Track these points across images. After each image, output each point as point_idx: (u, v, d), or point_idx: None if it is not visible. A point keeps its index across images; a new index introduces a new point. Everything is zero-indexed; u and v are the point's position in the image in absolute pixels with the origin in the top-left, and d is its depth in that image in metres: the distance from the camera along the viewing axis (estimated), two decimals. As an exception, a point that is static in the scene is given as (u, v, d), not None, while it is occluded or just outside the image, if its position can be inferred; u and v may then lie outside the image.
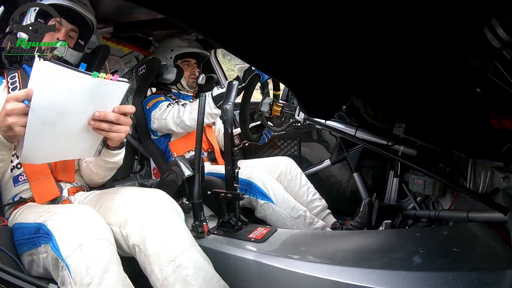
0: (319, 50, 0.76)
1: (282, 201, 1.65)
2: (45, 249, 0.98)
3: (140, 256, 1.05)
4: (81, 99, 0.96)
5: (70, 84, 0.92)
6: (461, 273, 0.89)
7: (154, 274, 1.02)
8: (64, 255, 0.90)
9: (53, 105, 0.92)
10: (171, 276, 1.00)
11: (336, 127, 1.74)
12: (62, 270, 0.91)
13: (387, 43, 0.72)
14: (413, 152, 1.52)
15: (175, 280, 1.00)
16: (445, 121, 1.11)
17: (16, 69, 1.33)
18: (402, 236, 1.16)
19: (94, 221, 1.00)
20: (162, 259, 1.01)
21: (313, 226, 1.64)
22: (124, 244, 1.07)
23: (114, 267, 0.94)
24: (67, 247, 0.91)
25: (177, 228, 1.08)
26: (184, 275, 1.00)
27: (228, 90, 1.42)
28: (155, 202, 1.12)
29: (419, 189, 1.62)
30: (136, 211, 1.08)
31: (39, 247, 1.00)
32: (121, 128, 1.05)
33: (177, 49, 2.06)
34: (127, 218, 1.07)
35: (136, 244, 1.05)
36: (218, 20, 0.63)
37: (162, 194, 1.17)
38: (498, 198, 1.09)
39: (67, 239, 0.92)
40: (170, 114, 1.85)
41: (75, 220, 0.98)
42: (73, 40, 1.39)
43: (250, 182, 1.69)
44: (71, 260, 0.90)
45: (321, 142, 2.37)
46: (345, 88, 1.01)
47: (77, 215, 1.00)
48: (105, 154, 1.21)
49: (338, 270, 0.99)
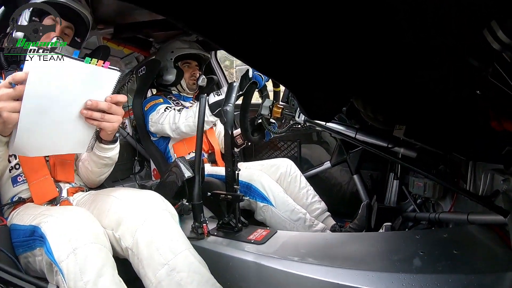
0: (318, 52, 0.76)
1: (282, 203, 1.65)
2: (40, 252, 0.97)
3: (134, 259, 1.04)
4: (73, 86, 0.97)
5: (63, 69, 0.92)
6: (461, 276, 0.89)
7: (147, 277, 1.00)
8: (57, 259, 0.89)
9: (46, 92, 0.93)
10: (165, 280, 0.98)
11: (337, 129, 1.74)
12: (56, 275, 0.90)
13: (386, 45, 0.72)
14: (413, 154, 1.52)
15: (169, 284, 0.98)
16: (445, 123, 1.10)
17: (14, 69, 1.32)
18: (402, 238, 1.16)
19: (88, 225, 0.99)
20: (155, 262, 1.00)
21: (313, 229, 1.63)
22: (118, 246, 1.07)
23: (109, 271, 0.92)
24: (60, 251, 0.90)
25: (170, 231, 1.06)
26: (178, 278, 0.99)
27: (228, 91, 1.42)
28: (148, 204, 1.10)
29: (419, 191, 1.61)
30: (129, 213, 1.06)
31: (34, 249, 0.99)
32: (113, 118, 1.05)
33: (177, 50, 2.07)
34: (120, 220, 1.06)
35: (129, 247, 1.03)
36: (217, 21, 0.63)
37: (155, 195, 1.16)
38: (498, 201, 1.08)
39: (60, 243, 0.91)
40: (166, 120, 1.85)
41: (69, 224, 0.96)
42: (68, 37, 1.38)
43: (250, 184, 1.69)
44: (65, 265, 0.88)
45: (321, 144, 2.37)
46: (344, 89, 1.01)
47: (72, 218, 0.99)
48: (99, 149, 1.21)
49: (338, 272, 0.99)
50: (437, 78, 0.82)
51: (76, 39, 1.43)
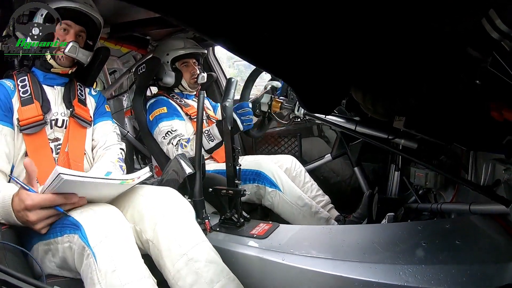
0: (315, 43, 0.75)
1: (289, 190, 1.70)
2: (68, 238, 1.00)
3: (154, 251, 1.09)
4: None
5: (96, 185, 1.05)
6: (464, 266, 0.89)
7: (166, 267, 1.06)
8: (92, 244, 0.95)
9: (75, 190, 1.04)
10: (183, 269, 1.04)
11: (337, 121, 1.74)
12: (88, 258, 0.94)
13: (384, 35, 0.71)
14: (414, 145, 1.52)
15: (187, 273, 1.03)
16: (446, 113, 1.10)
17: (26, 72, 1.34)
18: (404, 229, 1.16)
19: (117, 216, 1.05)
20: (174, 253, 1.06)
21: (318, 216, 1.67)
22: (138, 240, 1.11)
23: (136, 257, 0.99)
24: (94, 237, 0.96)
25: (188, 224, 1.12)
26: (196, 268, 1.04)
27: (227, 87, 1.42)
28: (167, 199, 1.16)
29: (421, 182, 1.61)
30: (149, 208, 1.13)
31: (61, 236, 1.02)
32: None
33: (172, 52, 2.04)
34: (141, 214, 1.12)
35: (150, 239, 1.09)
36: (212, 17, 0.62)
37: (174, 192, 1.21)
38: (499, 190, 1.08)
39: (94, 230, 0.97)
40: (166, 150, 1.86)
41: (102, 214, 1.03)
42: (82, 40, 1.42)
43: (259, 171, 1.74)
44: (98, 249, 0.94)
45: (321, 137, 2.37)
46: (343, 80, 1.00)
47: (102, 210, 1.06)
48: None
49: (341, 265, 1.00)
50: (439, 69, 0.81)
51: (88, 42, 1.46)
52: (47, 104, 1.33)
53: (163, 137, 1.85)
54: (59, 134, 1.35)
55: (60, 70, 1.39)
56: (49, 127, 1.32)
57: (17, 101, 1.28)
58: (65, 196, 1.01)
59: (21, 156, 1.25)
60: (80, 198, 1.05)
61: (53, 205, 1.00)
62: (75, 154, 1.36)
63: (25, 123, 1.25)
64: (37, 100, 1.29)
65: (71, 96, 1.41)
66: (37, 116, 1.27)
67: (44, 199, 0.98)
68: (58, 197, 1.00)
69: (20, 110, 1.26)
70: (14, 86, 1.30)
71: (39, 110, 1.28)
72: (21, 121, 1.25)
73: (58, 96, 1.39)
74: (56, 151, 1.33)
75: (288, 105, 1.74)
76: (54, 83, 1.40)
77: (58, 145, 1.34)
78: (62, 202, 1.01)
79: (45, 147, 1.29)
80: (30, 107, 1.27)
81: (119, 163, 1.44)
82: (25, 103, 1.27)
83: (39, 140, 1.29)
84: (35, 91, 1.31)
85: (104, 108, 1.55)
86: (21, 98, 1.28)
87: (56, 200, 1.00)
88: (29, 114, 1.26)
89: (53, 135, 1.33)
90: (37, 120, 1.27)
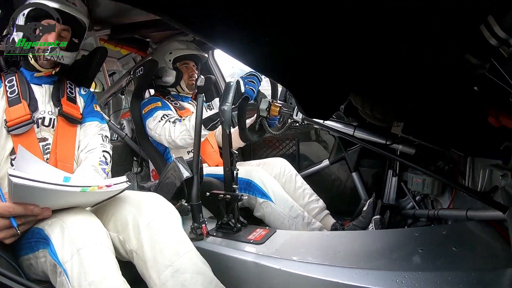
0: (315, 49, 0.76)
1: (281, 200, 1.65)
2: (43, 253, 0.96)
3: (138, 262, 1.04)
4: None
5: (54, 193, 0.95)
6: (461, 273, 0.88)
7: (152, 279, 1.01)
8: (62, 260, 0.89)
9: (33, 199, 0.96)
10: (169, 281, 0.99)
11: (335, 127, 1.73)
12: (60, 276, 0.89)
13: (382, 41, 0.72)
14: (412, 151, 1.51)
15: (173, 285, 0.99)
16: (443, 119, 1.10)
17: (14, 72, 1.32)
18: (401, 236, 1.15)
19: (91, 226, 0.98)
20: (159, 264, 1.01)
21: (311, 227, 1.63)
22: (122, 249, 1.07)
23: (113, 272, 0.92)
24: (65, 252, 0.90)
25: (174, 233, 1.07)
26: (182, 279, 1.00)
27: (226, 91, 1.41)
28: (152, 206, 1.10)
29: (418, 188, 1.61)
30: (133, 216, 1.07)
31: (37, 251, 0.99)
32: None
33: (175, 51, 2.07)
34: (125, 223, 1.07)
35: (134, 250, 1.04)
36: (212, 21, 0.62)
37: (159, 198, 1.16)
38: (497, 196, 1.08)
39: (64, 245, 0.91)
40: (162, 131, 1.84)
41: (73, 225, 0.96)
42: (65, 39, 1.38)
43: (250, 181, 1.69)
44: (69, 265, 0.88)
45: (319, 142, 2.37)
46: (342, 86, 1.00)
47: (75, 220, 0.98)
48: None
49: (338, 271, 0.99)
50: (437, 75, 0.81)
51: (73, 40, 1.43)
52: (35, 102, 1.31)
53: (158, 120, 1.85)
54: (47, 133, 1.33)
55: (43, 73, 1.37)
56: (35, 127, 1.30)
57: (5, 102, 1.25)
58: (24, 207, 0.94)
59: (6, 157, 1.23)
60: (43, 209, 0.97)
61: (10, 215, 0.93)
62: (63, 155, 1.34)
63: (13, 123, 1.23)
64: (24, 100, 1.28)
65: (60, 94, 1.39)
66: (24, 116, 1.25)
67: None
68: (16, 207, 0.93)
69: (7, 111, 1.24)
70: (1, 87, 1.28)
71: (27, 109, 1.26)
72: (9, 122, 1.23)
73: (46, 95, 1.38)
74: (44, 152, 1.30)
75: (286, 109, 1.74)
76: (41, 82, 1.38)
77: (47, 145, 1.31)
78: (20, 212, 0.94)
79: (34, 148, 1.27)
80: (17, 107, 1.26)
81: (101, 166, 1.38)
82: (13, 103, 1.26)
83: (28, 141, 1.26)
84: (23, 90, 1.29)
85: (92, 107, 1.52)
86: (9, 98, 1.26)
87: (14, 209, 0.93)
88: (17, 114, 1.24)
89: (40, 134, 1.31)
90: (24, 120, 1.25)
